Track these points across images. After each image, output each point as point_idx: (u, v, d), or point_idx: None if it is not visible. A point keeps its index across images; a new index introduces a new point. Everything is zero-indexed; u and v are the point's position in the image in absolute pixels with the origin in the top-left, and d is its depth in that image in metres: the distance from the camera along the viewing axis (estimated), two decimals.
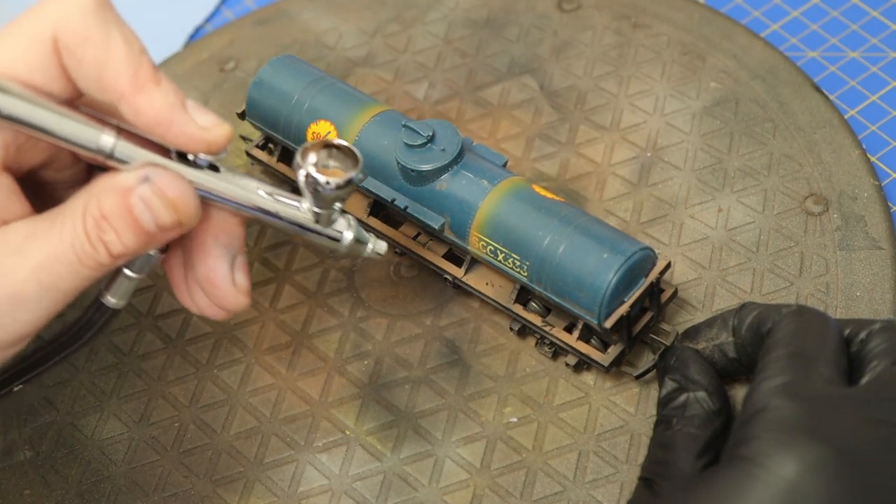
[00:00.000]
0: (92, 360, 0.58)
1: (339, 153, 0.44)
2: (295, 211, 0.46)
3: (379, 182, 0.55)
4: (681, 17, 0.65)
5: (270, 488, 0.52)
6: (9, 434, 0.56)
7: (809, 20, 0.64)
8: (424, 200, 0.54)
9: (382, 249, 0.47)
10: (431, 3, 0.68)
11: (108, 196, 0.42)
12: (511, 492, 0.51)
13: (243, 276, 0.46)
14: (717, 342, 0.50)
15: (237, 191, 0.45)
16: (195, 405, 0.55)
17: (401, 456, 0.52)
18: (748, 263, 0.55)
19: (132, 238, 0.43)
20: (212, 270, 0.46)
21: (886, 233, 0.55)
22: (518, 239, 0.51)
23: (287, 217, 0.46)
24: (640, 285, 0.50)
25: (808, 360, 0.45)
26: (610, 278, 0.49)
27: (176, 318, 0.58)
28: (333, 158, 0.44)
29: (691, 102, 0.61)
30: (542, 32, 0.66)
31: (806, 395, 0.44)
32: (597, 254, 0.50)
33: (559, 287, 0.51)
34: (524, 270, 0.51)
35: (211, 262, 0.45)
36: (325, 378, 0.55)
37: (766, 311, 0.48)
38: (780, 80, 0.61)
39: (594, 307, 0.50)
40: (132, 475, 0.54)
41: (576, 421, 0.52)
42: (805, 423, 0.43)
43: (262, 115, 0.58)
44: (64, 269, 0.43)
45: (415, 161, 0.53)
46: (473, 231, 0.52)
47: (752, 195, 0.57)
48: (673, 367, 0.50)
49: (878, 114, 0.60)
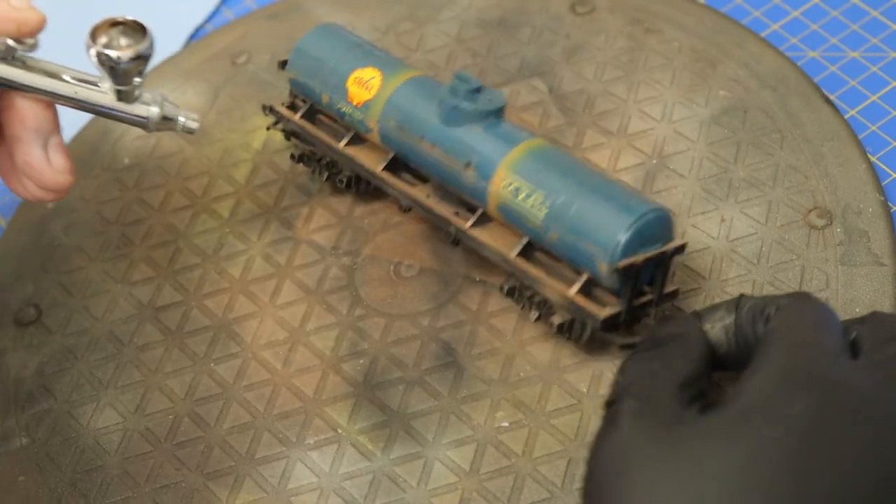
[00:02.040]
0: (92, 349, 0.58)
1: (129, 30, 0.46)
2: (96, 93, 0.48)
3: (412, 124, 0.55)
4: (693, 23, 0.64)
5: (260, 484, 0.53)
6: (6, 420, 0.56)
7: (809, 20, 0.64)
8: (455, 143, 0.54)
9: (194, 124, 0.49)
10: (445, 2, 0.68)
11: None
12: (499, 496, 0.51)
13: (59, 156, 0.49)
14: (723, 323, 0.48)
15: (36, 78, 0.47)
16: (190, 398, 0.56)
17: (391, 456, 0.52)
18: (748, 275, 0.55)
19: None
20: (27, 155, 0.48)
21: (889, 249, 0.55)
22: (546, 178, 0.52)
23: (90, 100, 0.48)
24: (655, 248, 0.50)
25: (817, 330, 0.45)
26: (634, 219, 0.50)
27: (176, 310, 0.59)
28: (124, 36, 0.46)
29: (699, 110, 0.61)
30: (554, 35, 0.65)
31: (810, 354, 0.44)
32: (624, 199, 0.51)
33: (577, 225, 0.50)
34: (544, 209, 0.51)
35: (24, 147, 0.48)
36: (320, 376, 0.55)
37: (767, 298, 0.48)
38: (790, 90, 0.61)
39: (611, 244, 0.49)
40: (125, 465, 0.54)
41: (567, 428, 0.52)
42: (811, 371, 0.43)
43: (306, 65, 0.58)
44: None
45: (460, 99, 0.54)
46: (500, 169, 0.53)
47: (756, 206, 0.57)
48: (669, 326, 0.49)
49: (878, 114, 0.60)
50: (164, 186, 0.63)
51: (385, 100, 0.56)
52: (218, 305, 0.58)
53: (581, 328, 0.52)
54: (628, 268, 0.49)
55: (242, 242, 0.61)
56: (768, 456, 0.41)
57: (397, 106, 0.56)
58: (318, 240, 0.60)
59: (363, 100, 0.56)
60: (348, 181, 0.59)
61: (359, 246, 0.59)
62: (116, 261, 0.61)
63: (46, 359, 0.58)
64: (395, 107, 0.56)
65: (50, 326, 0.59)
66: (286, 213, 0.61)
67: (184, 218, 0.62)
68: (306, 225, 0.60)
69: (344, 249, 0.59)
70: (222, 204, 0.62)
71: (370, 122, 0.56)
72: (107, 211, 0.63)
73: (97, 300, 0.60)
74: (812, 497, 0.40)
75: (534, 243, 0.53)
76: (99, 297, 0.60)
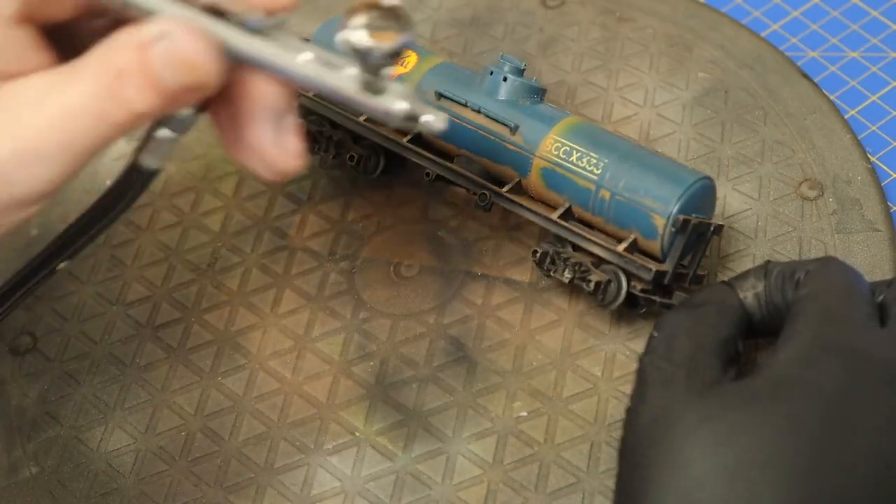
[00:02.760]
0: (94, 373, 0.57)
1: (390, 15, 0.41)
2: (340, 80, 0.42)
3: (455, 92, 0.56)
4: (665, 10, 0.65)
5: (283, 493, 0.52)
6: (13, 451, 0.55)
7: (809, 20, 0.65)
8: (502, 110, 0.55)
9: (441, 124, 0.42)
10: (415, 5, 0.68)
11: (126, 51, 0.40)
12: (525, 485, 0.51)
13: (292, 138, 0.44)
14: (755, 290, 0.49)
15: (273, 56, 0.42)
16: (201, 413, 0.55)
17: (412, 455, 0.52)
18: (748, 250, 0.56)
19: (152, 95, 0.41)
20: (256, 136, 0.43)
21: (882, 215, 0.56)
22: (600, 143, 0.53)
23: (332, 87, 0.42)
24: (702, 217, 0.52)
25: (846, 297, 0.46)
26: (696, 179, 0.51)
27: (176, 327, 0.58)
28: (384, 21, 0.41)
29: (681, 93, 0.62)
30: (527, 29, 0.66)
31: (840, 324, 0.44)
32: (676, 165, 0.52)
33: (634, 183, 0.51)
34: (598, 168, 0.52)
35: (255, 126, 0.43)
36: (331, 381, 0.55)
37: (794, 263, 0.49)
38: (767, 68, 0.62)
39: (672, 198, 0.51)
40: (141, 486, 0.53)
41: (586, 412, 0.52)
42: (841, 342, 0.43)
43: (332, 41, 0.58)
44: (82, 124, 0.41)
45: (508, 70, 0.55)
46: (551, 135, 0.53)
47: (748, 182, 0.58)
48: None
49: (878, 114, 0.61)
50: (149, 205, 0.63)
51: (422, 73, 0.56)
52: (219, 319, 0.58)
53: (616, 290, 0.52)
54: (684, 223, 0.50)
55: (236, 255, 0.60)
56: (800, 428, 0.42)
57: (437, 78, 0.56)
58: (314, 246, 0.60)
59: (397, 73, 0.56)
60: (359, 160, 0.58)
61: (355, 250, 0.59)
62: (109, 283, 0.60)
63: (48, 386, 0.57)
64: (436, 78, 0.56)
65: (47, 353, 0.58)
66: (278, 222, 0.61)
67: (173, 235, 0.61)
68: (300, 233, 0.60)
69: (341, 254, 0.59)
70: (212, 218, 0.62)
71: None
72: None
73: (93, 323, 0.59)
74: (844, 468, 0.41)
75: (574, 210, 0.53)
76: (95, 320, 0.59)
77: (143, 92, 0.40)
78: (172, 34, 0.40)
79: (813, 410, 0.42)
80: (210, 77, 0.41)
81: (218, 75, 0.41)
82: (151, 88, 0.40)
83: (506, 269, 0.57)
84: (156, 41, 0.40)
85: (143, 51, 0.40)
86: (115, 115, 0.41)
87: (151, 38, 0.40)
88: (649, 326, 0.54)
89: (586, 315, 0.55)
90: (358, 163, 0.58)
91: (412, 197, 0.60)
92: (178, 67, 0.40)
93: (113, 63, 0.40)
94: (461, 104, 0.55)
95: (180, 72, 0.40)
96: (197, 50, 0.40)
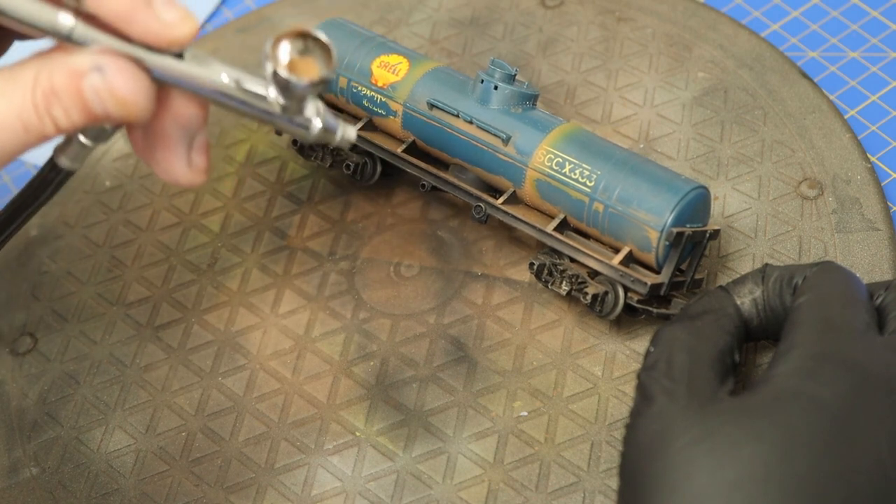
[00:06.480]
0: (94, 373, 0.57)
1: (315, 46, 0.42)
2: (261, 101, 0.44)
3: (446, 102, 0.56)
4: (664, 10, 0.65)
5: (283, 493, 0.52)
6: (13, 451, 0.55)
7: (809, 20, 0.65)
8: (494, 120, 0.54)
9: (352, 136, 0.45)
10: (415, 5, 0.68)
11: (61, 73, 0.42)
12: (526, 485, 0.51)
13: (201, 157, 0.46)
14: (752, 296, 0.49)
15: (199, 77, 0.44)
16: (201, 413, 0.55)
17: (413, 454, 0.52)
18: (747, 249, 0.56)
19: (80, 116, 0.42)
20: (169, 153, 0.45)
21: (882, 214, 0.56)
22: (590, 154, 0.53)
23: (252, 105, 0.44)
24: (696, 226, 0.51)
25: (844, 305, 0.45)
26: (690, 189, 0.51)
27: (176, 327, 0.58)
28: (307, 52, 0.42)
29: (680, 93, 0.62)
30: (527, 29, 0.66)
31: (839, 334, 0.44)
32: (671, 175, 0.52)
33: (627, 194, 0.51)
34: (590, 181, 0.52)
35: (169, 145, 0.45)
36: (331, 381, 0.55)
37: (793, 267, 0.48)
38: (766, 67, 0.62)
39: (666, 211, 0.50)
40: (142, 486, 0.53)
41: (586, 412, 0.52)
42: (841, 353, 0.43)
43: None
44: (9, 135, 0.42)
45: (497, 81, 0.54)
46: (543, 145, 0.53)
47: (747, 182, 0.58)
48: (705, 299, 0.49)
49: (878, 114, 0.61)
50: (149, 206, 0.63)
51: (414, 81, 0.56)
52: (219, 319, 0.58)
53: (614, 301, 0.52)
54: (678, 236, 0.50)
55: (236, 255, 0.60)
56: (800, 442, 0.41)
57: (429, 86, 0.56)
58: (314, 247, 0.60)
59: (389, 82, 0.57)
60: (355, 168, 0.58)
61: (355, 250, 0.59)
62: (109, 283, 0.60)
63: (48, 386, 0.57)
64: (427, 87, 0.56)
65: (47, 354, 0.58)
66: (278, 222, 0.61)
67: (173, 236, 0.61)
68: (300, 233, 0.60)
69: (340, 254, 0.59)
70: (212, 219, 0.62)
71: (394, 104, 0.56)
72: (93, 234, 0.62)
73: (93, 324, 0.59)
74: (844, 481, 0.41)
75: (569, 220, 0.53)
76: (95, 320, 0.59)
77: (72, 112, 0.42)
78: (106, 70, 0.42)
79: (812, 423, 0.42)
80: (141, 114, 0.42)
81: (149, 111, 0.43)
82: (79, 110, 0.42)
83: (506, 269, 0.57)
84: (90, 71, 0.42)
85: (75, 78, 0.42)
86: (39, 129, 0.42)
87: (86, 67, 0.42)
88: (649, 326, 0.54)
89: (586, 315, 0.55)
90: (354, 171, 0.59)
91: (412, 197, 0.60)
92: (108, 101, 0.42)
93: (46, 81, 0.42)
94: (453, 115, 0.55)
95: (111, 105, 0.42)
96: (129, 88, 0.42)
